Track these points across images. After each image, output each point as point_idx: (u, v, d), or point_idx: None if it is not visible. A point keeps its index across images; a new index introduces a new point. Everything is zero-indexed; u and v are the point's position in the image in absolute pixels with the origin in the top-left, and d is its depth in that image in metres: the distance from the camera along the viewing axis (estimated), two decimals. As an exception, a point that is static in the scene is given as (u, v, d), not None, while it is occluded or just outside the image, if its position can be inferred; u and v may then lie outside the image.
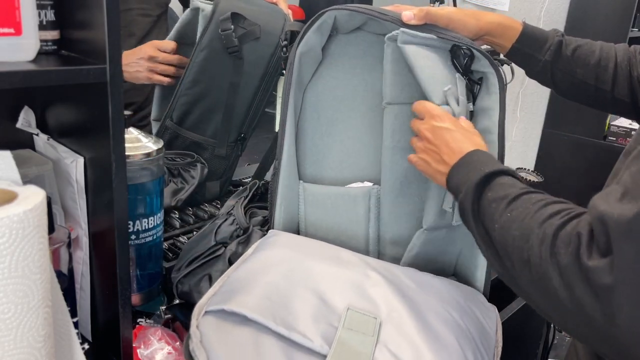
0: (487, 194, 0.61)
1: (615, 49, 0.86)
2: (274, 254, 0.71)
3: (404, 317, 0.62)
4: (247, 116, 1.09)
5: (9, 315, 0.47)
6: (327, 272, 0.67)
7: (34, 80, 0.51)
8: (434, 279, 0.72)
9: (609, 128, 2.55)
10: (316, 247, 0.75)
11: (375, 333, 0.60)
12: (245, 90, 1.06)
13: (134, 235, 0.81)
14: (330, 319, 0.61)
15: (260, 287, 0.63)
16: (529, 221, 0.55)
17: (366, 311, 0.62)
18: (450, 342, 0.61)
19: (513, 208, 0.57)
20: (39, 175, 0.66)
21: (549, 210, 0.54)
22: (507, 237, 0.56)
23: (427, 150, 0.72)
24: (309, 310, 0.61)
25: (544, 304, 0.54)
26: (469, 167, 0.65)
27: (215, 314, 0.61)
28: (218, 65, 1.02)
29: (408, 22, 0.74)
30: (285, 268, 0.67)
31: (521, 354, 1.26)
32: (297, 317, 0.60)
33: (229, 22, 0.98)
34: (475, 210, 0.61)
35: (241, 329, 0.59)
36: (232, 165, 1.16)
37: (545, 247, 0.52)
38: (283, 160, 0.80)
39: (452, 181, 0.67)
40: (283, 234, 0.78)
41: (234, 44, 0.99)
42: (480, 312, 0.70)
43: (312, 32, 0.77)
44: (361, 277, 0.68)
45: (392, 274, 0.70)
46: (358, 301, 0.63)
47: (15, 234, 0.46)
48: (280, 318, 0.59)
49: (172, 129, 1.06)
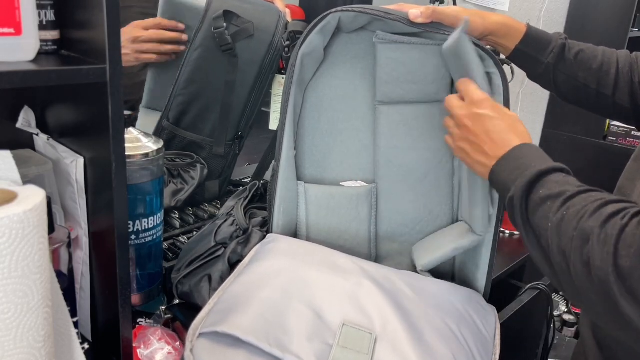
0: (539, 191, 0.58)
1: (618, 55, 0.86)
2: (270, 264, 0.70)
3: (399, 331, 0.62)
4: (244, 114, 1.09)
5: (9, 315, 0.47)
6: (323, 283, 0.67)
7: (34, 80, 0.51)
8: (432, 285, 0.72)
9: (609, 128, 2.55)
10: (313, 253, 0.74)
11: (370, 351, 0.59)
12: (241, 88, 1.05)
13: (134, 235, 0.81)
14: (325, 336, 0.60)
15: (255, 304, 0.63)
16: (588, 220, 0.52)
17: (361, 326, 0.62)
18: (446, 357, 0.61)
19: (570, 206, 0.54)
20: (39, 175, 0.66)
21: (610, 209, 0.52)
22: (563, 237, 0.54)
23: (466, 139, 0.69)
24: (304, 328, 0.60)
25: (602, 306, 0.51)
26: (518, 163, 0.62)
27: (209, 337, 0.60)
28: (212, 63, 1.02)
29: (415, 20, 0.74)
30: (282, 280, 0.66)
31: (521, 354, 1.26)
32: (292, 336, 0.59)
33: (221, 20, 0.98)
34: (524, 208, 0.59)
35: (235, 352, 0.58)
36: (231, 164, 1.16)
37: (608, 249, 0.49)
38: (282, 161, 0.80)
39: (498, 177, 0.64)
40: (281, 239, 0.77)
41: (228, 41, 0.99)
42: (478, 317, 0.69)
43: (316, 33, 0.76)
44: (357, 286, 0.67)
45: (389, 282, 0.69)
46: (353, 315, 0.63)
47: (15, 234, 0.46)
48: (275, 338, 0.59)
49: (170, 130, 1.06)
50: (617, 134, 2.53)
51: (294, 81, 0.78)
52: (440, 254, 0.77)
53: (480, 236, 0.75)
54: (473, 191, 0.75)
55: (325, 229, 0.83)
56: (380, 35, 0.79)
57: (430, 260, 0.77)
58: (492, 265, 0.79)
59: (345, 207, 0.82)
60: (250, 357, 0.58)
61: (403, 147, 0.82)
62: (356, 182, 0.83)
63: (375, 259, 0.85)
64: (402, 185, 0.83)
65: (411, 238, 0.85)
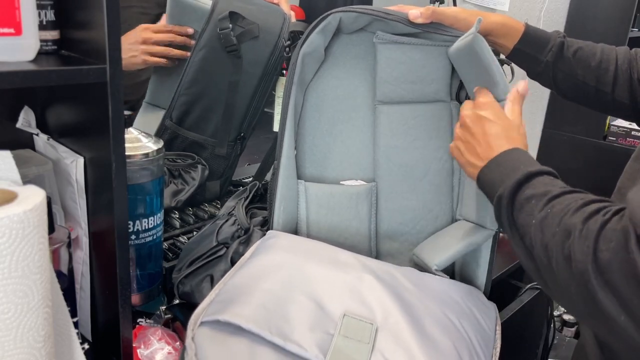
0: (525, 191, 0.60)
1: (617, 52, 0.87)
2: (271, 258, 0.70)
3: (400, 322, 0.62)
4: (247, 115, 1.09)
5: (9, 315, 0.47)
6: (324, 276, 0.67)
7: (34, 80, 0.51)
8: (433, 280, 0.72)
9: (609, 128, 2.55)
10: (314, 248, 0.74)
11: (371, 340, 0.59)
12: (244, 89, 1.06)
13: (134, 235, 0.81)
14: (327, 326, 0.60)
15: (256, 294, 0.63)
16: (571, 217, 0.54)
17: (362, 317, 0.62)
18: (447, 347, 0.61)
19: (555, 204, 0.56)
20: (39, 175, 0.66)
21: (593, 207, 0.53)
22: (546, 233, 0.55)
23: (463, 139, 0.71)
24: (306, 318, 0.61)
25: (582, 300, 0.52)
26: (507, 165, 0.64)
27: (210, 325, 0.60)
28: (217, 64, 1.02)
29: (414, 20, 0.75)
30: (283, 273, 0.67)
31: (521, 354, 1.26)
32: (293, 325, 0.59)
33: (227, 21, 0.98)
34: (510, 206, 0.60)
35: (236, 340, 0.59)
36: (232, 165, 1.16)
37: (588, 243, 0.51)
38: (282, 160, 0.80)
39: (485, 178, 0.66)
40: (282, 235, 0.78)
41: (233, 42, 0.99)
42: (479, 312, 0.70)
43: (317, 33, 0.77)
44: (358, 280, 0.67)
45: (390, 276, 0.70)
46: (355, 306, 0.63)
47: (15, 234, 0.46)
48: (276, 327, 0.59)
49: (172, 129, 1.06)
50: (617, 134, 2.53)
51: (294, 81, 0.78)
52: (453, 252, 0.77)
53: (492, 230, 0.76)
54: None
55: (326, 227, 0.83)
56: (380, 35, 0.79)
57: (445, 258, 0.77)
58: (492, 264, 0.79)
59: (345, 205, 0.82)
60: (252, 345, 0.58)
61: (403, 146, 0.83)
62: (356, 181, 0.84)
63: (375, 257, 0.86)
64: (401, 184, 0.84)
65: (411, 237, 0.85)
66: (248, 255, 0.74)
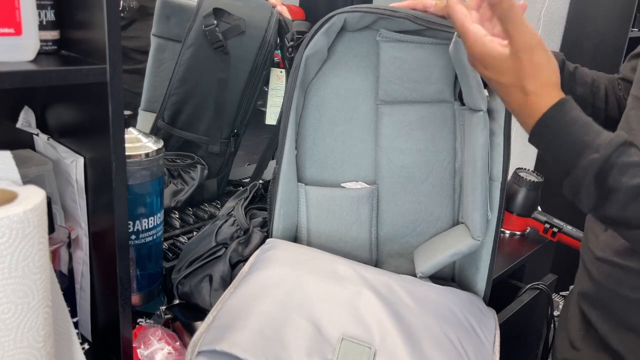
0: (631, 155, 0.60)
1: (602, 74, 0.97)
2: (269, 274, 0.70)
3: (398, 344, 0.62)
4: (239, 112, 1.09)
5: (9, 315, 0.47)
6: (322, 293, 0.67)
7: (34, 80, 0.51)
8: (432, 290, 0.72)
9: (609, 128, 2.55)
10: (313, 259, 0.73)
11: None
12: (234, 85, 1.05)
13: (134, 235, 0.81)
14: (324, 350, 0.60)
15: (253, 318, 0.63)
16: None
17: (360, 340, 0.62)
18: None
19: None
20: (39, 175, 0.67)
21: None
22: None
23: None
24: (303, 342, 0.60)
25: None
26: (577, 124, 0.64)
27: (207, 355, 0.60)
28: (205, 62, 1.02)
29: (426, 9, 0.75)
30: (280, 291, 0.66)
31: (521, 354, 1.26)
32: (291, 352, 0.59)
33: (211, 17, 0.98)
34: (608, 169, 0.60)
35: None
36: (228, 163, 1.15)
37: None
38: (283, 164, 0.79)
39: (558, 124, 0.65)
40: (280, 245, 0.77)
41: (218, 39, 0.99)
42: (478, 324, 0.70)
43: (321, 34, 0.76)
44: (357, 296, 0.67)
45: (389, 290, 0.69)
46: (353, 327, 0.63)
47: (15, 234, 0.46)
48: (273, 355, 0.59)
49: (165, 129, 1.06)
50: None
51: (297, 85, 0.77)
52: (439, 260, 0.77)
53: (477, 241, 0.75)
54: (473, 195, 0.75)
55: (326, 232, 0.82)
56: (384, 33, 0.78)
57: (429, 266, 0.77)
58: (492, 268, 0.79)
59: (346, 209, 0.82)
60: None
61: (405, 147, 0.82)
62: (357, 183, 0.83)
63: (375, 260, 0.85)
64: (403, 187, 0.83)
65: (412, 240, 0.85)
66: (246, 269, 0.73)
